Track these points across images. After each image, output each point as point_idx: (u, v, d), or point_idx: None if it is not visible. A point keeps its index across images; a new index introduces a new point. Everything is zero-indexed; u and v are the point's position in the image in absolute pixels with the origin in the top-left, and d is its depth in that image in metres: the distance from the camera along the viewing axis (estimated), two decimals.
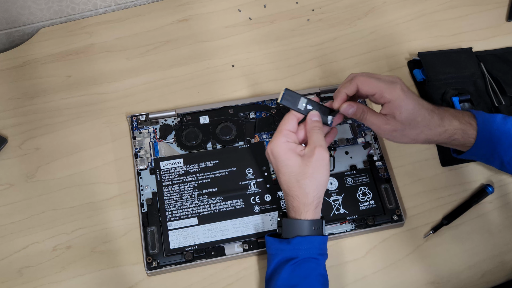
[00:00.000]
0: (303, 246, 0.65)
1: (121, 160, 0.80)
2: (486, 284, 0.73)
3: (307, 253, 0.65)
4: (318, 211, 0.67)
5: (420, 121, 0.66)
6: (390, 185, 0.77)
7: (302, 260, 0.65)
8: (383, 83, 0.66)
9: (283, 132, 0.67)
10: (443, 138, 0.68)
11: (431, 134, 0.67)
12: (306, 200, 0.65)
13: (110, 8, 0.94)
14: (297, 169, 0.65)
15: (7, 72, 0.86)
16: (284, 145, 0.66)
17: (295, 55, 0.89)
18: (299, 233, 0.66)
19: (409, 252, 0.75)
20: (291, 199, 0.66)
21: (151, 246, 0.72)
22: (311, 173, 0.65)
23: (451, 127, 0.68)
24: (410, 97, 0.66)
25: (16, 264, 0.72)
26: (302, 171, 0.65)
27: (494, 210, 0.77)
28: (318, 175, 0.65)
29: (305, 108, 0.68)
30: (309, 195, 0.65)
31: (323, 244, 0.67)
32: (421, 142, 0.68)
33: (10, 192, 0.77)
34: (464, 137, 0.68)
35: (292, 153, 0.66)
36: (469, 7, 0.94)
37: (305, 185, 0.65)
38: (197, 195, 0.76)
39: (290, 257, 0.65)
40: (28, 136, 0.81)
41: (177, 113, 0.81)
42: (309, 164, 0.65)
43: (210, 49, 0.90)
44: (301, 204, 0.66)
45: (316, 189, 0.66)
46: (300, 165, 0.65)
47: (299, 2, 0.95)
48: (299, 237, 0.65)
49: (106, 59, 0.88)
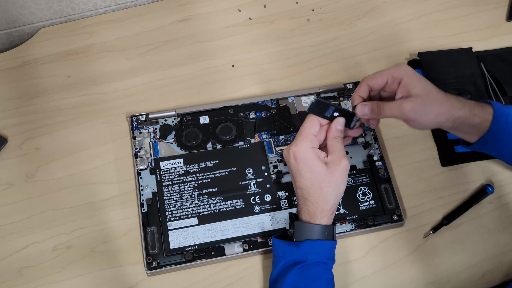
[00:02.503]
0: (313, 250, 0.65)
1: (121, 160, 0.80)
2: (486, 284, 0.73)
3: (316, 257, 0.65)
4: (332, 217, 0.67)
5: (437, 94, 0.66)
6: (390, 185, 0.77)
7: (310, 264, 0.65)
8: (389, 69, 0.66)
9: (309, 137, 0.66)
10: (464, 112, 0.66)
11: (453, 108, 0.66)
12: (325, 206, 0.66)
13: (110, 8, 0.94)
14: (322, 176, 0.65)
15: (7, 72, 0.87)
16: (310, 150, 0.66)
17: (295, 55, 0.89)
18: (310, 237, 0.65)
19: (409, 252, 0.75)
20: (309, 204, 0.66)
21: (151, 246, 0.72)
22: (335, 181, 0.65)
23: (469, 103, 0.67)
24: (419, 74, 0.66)
25: (16, 264, 0.72)
26: (326, 179, 0.65)
27: (494, 210, 0.78)
28: (341, 184, 0.66)
29: (331, 115, 0.68)
30: (330, 202, 0.66)
31: (333, 249, 0.67)
32: (444, 117, 0.66)
33: (10, 192, 0.77)
34: (483, 113, 0.67)
35: (318, 159, 0.66)
36: (469, 7, 0.94)
37: (327, 192, 0.65)
38: (197, 195, 0.76)
39: (298, 260, 0.65)
40: (28, 136, 0.81)
41: (177, 113, 0.81)
42: (335, 172, 0.65)
43: (210, 49, 0.90)
44: (319, 210, 0.66)
45: (336, 197, 0.66)
46: (326, 173, 0.65)
47: (299, 2, 0.95)
48: (309, 241, 0.65)
49: (106, 59, 0.88)
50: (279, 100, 0.83)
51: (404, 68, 0.66)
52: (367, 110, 0.67)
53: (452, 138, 0.81)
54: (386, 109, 0.66)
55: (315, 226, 0.66)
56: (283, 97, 0.84)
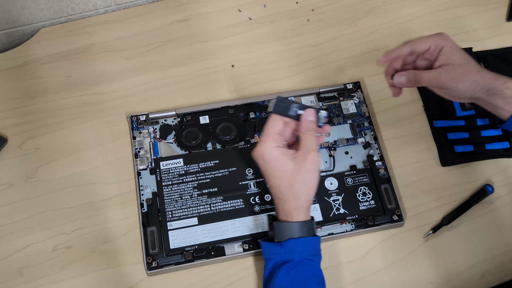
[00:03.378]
0: (296, 249, 0.65)
1: (121, 160, 0.80)
2: (486, 284, 0.73)
3: (301, 255, 0.65)
4: (308, 213, 0.67)
5: (474, 63, 0.68)
6: (390, 185, 0.77)
7: (296, 262, 0.65)
8: (432, 36, 0.70)
9: (272, 136, 0.67)
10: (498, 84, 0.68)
11: (487, 78, 0.68)
12: (298, 203, 0.66)
13: (110, 8, 0.94)
14: (290, 173, 0.65)
15: (7, 72, 0.87)
16: (275, 150, 0.66)
17: (295, 55, 0.89)
18: (291, 235, 0.65)
19: (409, 252, 0.75)
20: (282, 202, 0.66)
21: (151, 246, 0.72)
22: (304, 177, 0.65)
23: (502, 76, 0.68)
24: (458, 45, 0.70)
25: (16, 264, 0.72)
26: (295, 176, 0.65)
27: (494, 210, 0.77)
28: (310, 179, 0.66)
29: (296, 114, 0.68)
30: (301, 198, 0.65)
31: (316, 245, 0.67)
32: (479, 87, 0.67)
33: (10, 192, 0.77)
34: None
35: (285, 157, 0.66)
36: (469, 7, 0.94)
37: (298, 189, 0.65)
38: (197, 195, 0.76)
39: (284, 260, 0.65)
40: (28, 136, 0.81)
41: (177, 113, 0.81)
42: (302, 168, 0.65)
43: (210, 49, 0.90)
44: (293, 207, 0.66)
45: (307, 192, 0.66)
46: (293, 170, 0.65)
47: (299, 2, 0.95)
48: (292, 240, 0.65)
49: (106, 59, 0.88)
50: None
51: (446, 36, 0.69)
52: (404, 80, 0.70)
53: (452, 138, 0.81)
54: (424, 78, 0.68)
55: (292, 224, 0.66)
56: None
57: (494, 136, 0.81)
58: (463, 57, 0.68)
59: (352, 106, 0.84)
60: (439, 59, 0.69)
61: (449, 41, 0.69)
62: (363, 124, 0.82)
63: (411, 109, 0.85)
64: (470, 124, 0.82)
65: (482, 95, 0.68)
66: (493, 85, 0.68)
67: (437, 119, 0.83)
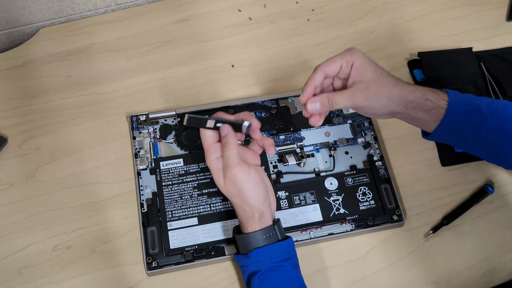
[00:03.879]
0: (261, 258, 0.65)
1: (121, 160, 0.80)
2: (486, 284, 0.73)
3: (268, 264, 0.64)
4: (265, 219, 0.66)
5: (389, 76, 0.64)
6: (390, 185, 0.77)
7: (265, 271, 0.64)
8: (342, 53, 0.64)
9: (210, 149, 0.66)
10: (417, 97, 0.64)
11: (404, 91, 0.64)
12: (246, 214, 0.66)
13: (110, 8, 0.94)
14: (225, 188, 0.66)
15: (7, 72, 0.87)
16: (214, 163, 0.66)
17: (295, 55, 0.89)
18: (255, 245, 0.65)
19: (409, 252, 0.75)
20: (237, 214, 0.67)
21: (151, 246, 0.72)
22: (235, 192, 0.65)
23: (421, 88, 0.65)
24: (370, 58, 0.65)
25: (16, 264, 0.72)
26: (228, 191, 0.66)
27: (494, 210, 0.77)
28: (243, 191, 0.65)
29: (215, 126, 0.67)
30: (246, 210, 0.65)
31: (284, 249, 0.66)
32: (396, 101, 0.64)
33: (10, 192, 0.77)
34: (437, 99, 0.65)
35: (221, 171, 0.66)
36: (469, 7, 0.94)
37: (239, 202, 0.65)
38: (197, 195, 0.76)
39: (254, 270, 0.65)
40: (28, 136, 0.81)
41: (177, 113, 0.81)
42: (229, 184, 0.65)
43: (210, 49, 0.90)
44: (244, 219, 0.66)
45: (249, 204, 0.65)
46: (226, 185, 0.66)
47: (299, 2, 0.95)
48: (256, 250, 0.65)
49: (106, 59, 0.88)
50: (279, 100, 0.83)
51: (355, 51, 0.64)
52: (318, 106, 0.63)
53: None
54: (338, 100, 0.63)
55: (251, 235, 0.65)
56: (283, 97, 0.84)
57: None
58: (375, 71, 0.64)
59: None
60: (351, 75, 0.64)
61: (359, 56, 0.64)
62: (363, 124, 0.82)
63: None
64: None
65: (401, 109, 0.65)
66: (411, 98, 0.64)
67: None
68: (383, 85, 0.63)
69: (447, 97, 0.65)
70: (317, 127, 0.81)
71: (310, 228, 0.74)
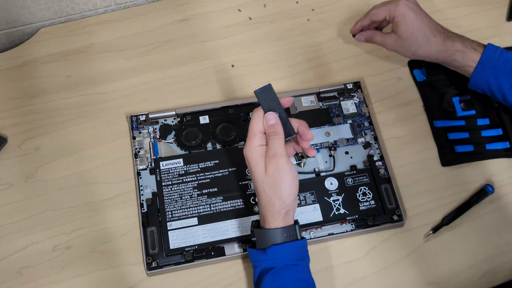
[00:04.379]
0: (278, 255, 0.64)
1: (121, 160, 0.80)
2: (486, 284, 0.73)
3: (284, 261, 0.64)
4: (289, 218, 0.65)
5: (418, 36, 0.75)
6: (390, 185, 0.77)
7: (280, 269, 0.64)
8: (390, 4, 0.77)
9: (256, 135, 0.65)
10: (442, 57, 0.76)
11: (431, 51, 0.76)
12: (272, 209, 0.64)
13: (110, 8, 0.94)
14: (262, 177, 0.64)
15: (7, 72, 0.86)
16: (257, 149, 0.64)
17: (295, 55, 0.89)
18: (273, 241, 0.64)
19: (409, 252, 0.75)
20: (261, 207, 0.66)
21: (151, 246, 0.72)
22: (273, 183, 0.63)
23: (452, 48, 0.75)
24: (413, 13, 0.75)
25: (16, 264, 0.72)
26: (266, 180, 0.64)
27: (494, 210, 0.77)
28: (280, 184, 0.63)
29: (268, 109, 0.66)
30: (275, 204, 0.64)
31: (300, 249, 0.66)
32: (421, 57, 0.78)
33: (10, 192, 0.77)
34: (464, 60, 0.75)
35: (261, 159, 0.64)
36: (469, 7, 0.94)
37: (270, 194, 0.64)
38: (197, 195, 0.76)
39: (268, 267, 0.64)
40: (28, 136, 0.81)
41: (177, 113, 0.81)
42: (269, 173, 0.63)
43: (210, 49, 0.90)
44: (269, 213, 0.65)
45: (280, 198, 0.64)
46: (264, 174, 0.64)
47: (299, 2, 0.95)
48: (274, 246, 0.64)
49: (106, 59, 0.88)
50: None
51: (399, 7, 0.76)
52: (363, 38, 0.83)
53: (452, 138, 0.81)
54: (375, 39, 0.81)
55: (272, 231, 0.64)
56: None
57: (494, 136, 0.81)
58: (407, 30, 0.75)
59: (352, 106, 0.84)
60: (393, 24, 0.77)
61: (400, 11, 0.75)
62: (363, 124, 0.82)
63: (411, 109, 0.85)
64: (470, 124, 0.82)
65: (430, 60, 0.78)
66: (437, 56, 0.76)
67: (437, 119, 0.83)
68: (410, 45, 0.76)
69: (478, 57, 0.74)
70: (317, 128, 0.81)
71: (310, 228, 0.74)
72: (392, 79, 0.87)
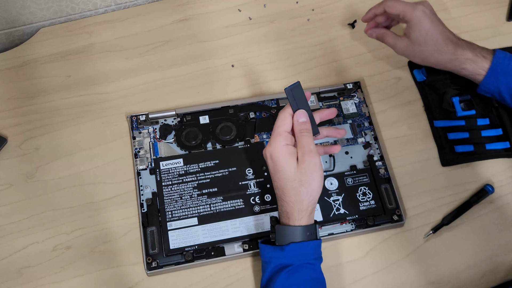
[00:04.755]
0: (298, 253, 0.64)
1: (121, 160, 0.80)
2: (486, 284, 0.73)
3: (302, 259, 0.64)
4: (312, 216, 0.66)
5: (431, 44, 0.74)
6: (390, 185, 0.77)
7: (297, 266, 0.64)
8: (407, 5, 0.75)
9: (282, 134, 0.66)
10: (452, 66, 0.76)
11: (441, 59, 0.76)
12: (300, 206, 0.64)
13: (110, 8, 0.94)
14: (293, 175, 0.64)
15: (7, 72, 0.86)
16: (283, 148, 0.65)
17: (295, 55, 0.89)
18: (293, 239, 0.64)
19: (409, 252, 0.75)
20: (286, 204, 0.65)
21: (151, 246, 0.72)
22: (305, 180, 0.64)
23: (463, 57, 0.75)
24: (428, 20, 0.74)
25: (16, 264, 0.72)
26: (297, 178, 0.64)
27: (494, 210, 0.77)
28: (312, 181, 0.64)
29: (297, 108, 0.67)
30: (304, 201, 0.64)
31: (318, 249, 0.66)
32: (430, 64, 0.77)
33: (10, 192, 0.77)
34: (474, 68, 0.75)
35: (290, 157, 0.65)
36: (469, 7, 0.94)
37: (300, 192, 0.64)
38: (197, 195, 0.76)
39: (284, 264, 0.64)
40: (28, 136, 0.81)
41: (177, 113, 0.81)
42: (303, 170, 0.64)
43: (210, 49, 0.90)
44: (295, 210, 0.65)
45: (310, 195, 0.64)
46: (296, 171, 0.64)
47: (299, 2, 0.95)
48: (293, 244, 0.64)
49: (106, 59, 0.88)
50: (279, 100, 0.83)
51: (416, 12, 0.74)
52: (374, 35, 0.81)
53: (452, 138, 0.81)
54: (386, 40, 0.80)
55: (295, 228, 0.64)
56: (283, 97, 0.84)
57: (494, 136, 0.81)
58: (420, 37, 0.74)
59: (352, 106, 0.84)
60: (406, 26, 0.76)
61: (417, 16, 0.73)
62: (363, 124, 0.82)
63: (411, 109, 0.85)
64: (470, 124, 0.82)
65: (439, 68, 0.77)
66: (447, 65, 0.76)
67: (437, 119, 0.83)
68: (421, 50, 0.75)
69: (488, 64, 0.74)
70: None
71: None
72: (392, 79, 0.87)
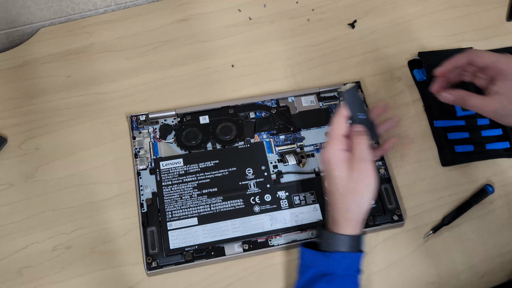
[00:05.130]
0: (341, 263, 0.63)
1: (121, 160, 0.80)
2: (486, 284, 0.73)
3: (344, 270, 0.63)
4: (359, 226, 0.65)
5: None
6: (390, 185, 0.77)
7: (338, 276, 0.63)
8: (499, 55, 0.64)
9: (337, 139, 0.64)
10: None
11: None
12: (348, 214, 0.63)
13: (110, 8, 0.94)
14: (344, 182, 0.63)
15: (7, 72, 0.86)
16: (338, 153, 0.63)
17: (295, 55, 0.89)
18: (338, 248, 0.63)
19: (409, 252, 0.75)
20: (334, 210, 0.64)
21: (151, 246, 0.72)
22: (355, 188, 0.63)
23: None
24: None
25: (16, 264, 0.72)
26: (347, 185, 0.63)
27: (494, 210, 0.77)
28: (362, 190, 0.63)
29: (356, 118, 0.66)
30: (352, 210, 0.63)
31: (361, 261, 0.65)
32: None
33: (10, 192, 0.77)
34: None
35: (342, 163, 0.63)
36: (469, 7, 0.94)
37: (349, 200, 0.63)
38: (197, 195, 0.76)
39: (326, 272, 0.63)
40: (28, 136, 0.81)
41: (177, 113, 0.81)
42: (353, 179, 0.63)
43: (210, 49, 0.90)
44: (342, 218, 0.63)
45: (359, 205, 0.63)
46: (346, 178, 0.63)
47: (299, 2, 0.95)
48: (339, 253, 0.63)
49: (106, 59, 0.88)
50: (279, 100, 0.83)
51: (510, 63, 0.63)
52: (451, 99, 0.67)
53: (452, 138, 0.81)
54: (471, 103, 0.65)
55: (342, 237, 0.63)
56: (283, 97, 0.84)
57: (495, 136, 0.81)
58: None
59: None
60: (496, 84, 0.63)
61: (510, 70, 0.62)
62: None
63: (411, 109, 0.85)
64: (470, 124, 0.82)
65: None
66: None
67: (437, 119, 0.83)
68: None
69: None
70: (317, 129, 0.81)
71: (311, 228, 0.74)
72: (392, 79, 0.87)
